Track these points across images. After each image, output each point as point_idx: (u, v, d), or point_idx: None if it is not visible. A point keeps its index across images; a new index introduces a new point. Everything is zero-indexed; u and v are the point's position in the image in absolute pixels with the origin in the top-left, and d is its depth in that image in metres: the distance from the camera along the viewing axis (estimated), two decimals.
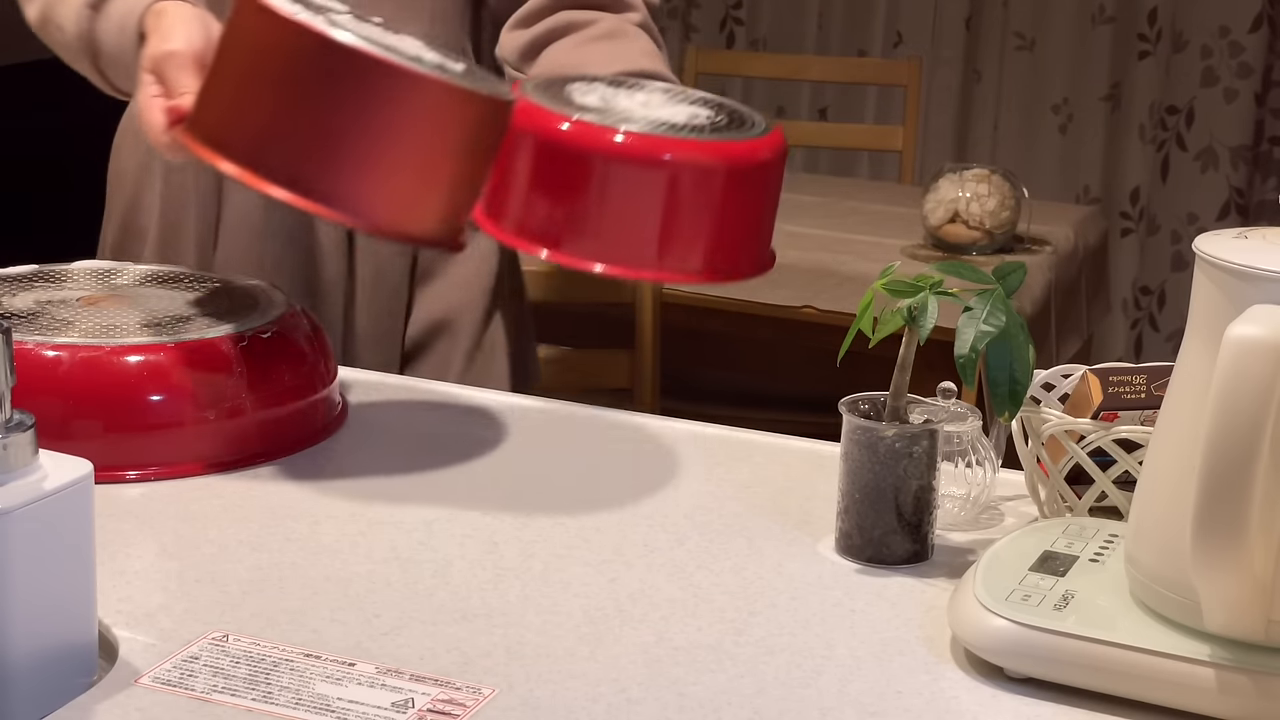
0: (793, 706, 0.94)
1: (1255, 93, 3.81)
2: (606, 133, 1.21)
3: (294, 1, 1.20)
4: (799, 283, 2.41)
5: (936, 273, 1.10)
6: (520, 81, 1.30)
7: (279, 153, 1.18)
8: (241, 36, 1.22)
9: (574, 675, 0.97)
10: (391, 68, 1.17)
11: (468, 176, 1.23)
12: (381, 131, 1.18)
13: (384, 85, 1.17)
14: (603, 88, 1.32)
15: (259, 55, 1.20)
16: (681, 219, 1.24)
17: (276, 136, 1.19)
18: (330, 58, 1.17)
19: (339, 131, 1.17)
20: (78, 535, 0.91)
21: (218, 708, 0.92)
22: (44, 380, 1.19)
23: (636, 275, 1.28)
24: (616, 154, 1.22)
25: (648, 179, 1.23)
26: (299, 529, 1.16)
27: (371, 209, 1.19)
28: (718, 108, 1.31)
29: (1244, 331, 0.87)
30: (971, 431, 1.18)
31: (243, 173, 1.18)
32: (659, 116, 1.26)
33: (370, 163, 1.18)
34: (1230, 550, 0.88)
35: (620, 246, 1.24)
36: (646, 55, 1.53)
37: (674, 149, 1.22)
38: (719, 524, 1.19)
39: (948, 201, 2.62)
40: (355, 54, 1.16)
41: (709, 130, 1.25)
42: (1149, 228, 3.97)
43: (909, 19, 4.10)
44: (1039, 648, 0.95)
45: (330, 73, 1.17)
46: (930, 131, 4.08)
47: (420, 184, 1.21)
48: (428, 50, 1.24)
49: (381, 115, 1.17)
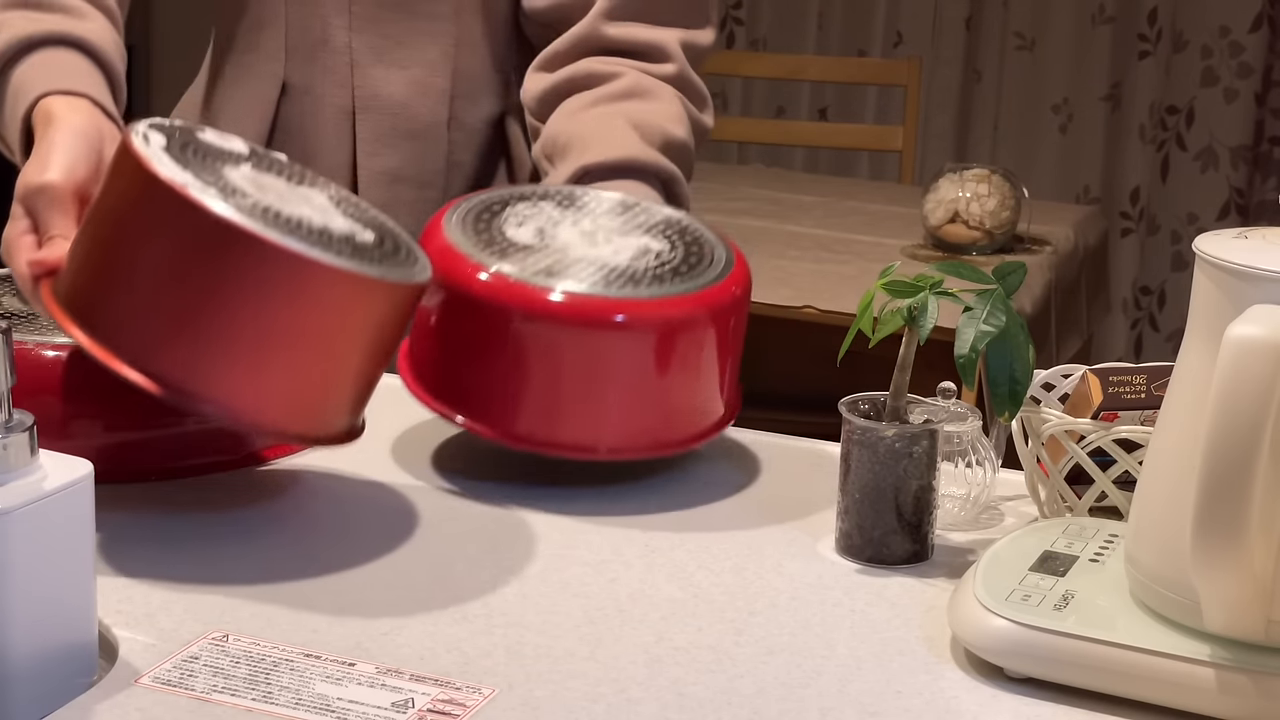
0: (793, 706, 0.94)
1: (1255, 93, 3.81)
2: (526, 291, 1.13)
3: (185, 147, 1.05)
4: (799, 283, 2.41)
5: (936, 273, 1.10)
6: (449, 207, 1.23)
7: (138, 334, 1.03)
8: (114, 188, 1.06)
9: (574, 675, 0.97)
10: (274, 250, 1.00)
11: (366, 369, 1.09)
12: (263, 321, 1.03)
13: (264, 269, 1.01)
14: (550, 209, 1.24)
15: (125, 214, 1.05)
16: (619, 390, 1.17)
17: (137, 315, 1.04)
18: (198, 228, 1.01)
19: (209, 316, 1.02)
20: (78, 535, 0.91)
21: (218, 708, 0.92)
22: (44, 380, 1.19)
23: (578, 456, 1.18)
24: (539, 315, 1.14)
25: (577, 345, 1.14)
26: (299, 529, 1.16)
27: (250, 407, 1.05)
28: (677, 235, 1.23)
29: (1244, 331, 0.87)
30: (971, 431, 1.18)
31: (99, 350, 1.04)
32: (600, 256, 1.18)
33: (248, 356, 1.03)
34: (1230, 550, 0.88)
35: (542, 420, 1.16)
36: (651, 136, 1.41)
37: (607, 311, 1.14)
38: (719, 524, 1.19)
39: (948, 201, 2.62)
40: (228, 228, 1.00)
41: (653, 277, 1.17)
42: (1149, 228, 3.97)
43: (909, 19, 4.10)
44: (1039, 648, 0.95)
45: (199, 246, 1.01)
46: (930, 131, 4.08)
47: (309, 380, 1.06)
48: (337, 212, 1.09)
49: (263, 303, 1.02)
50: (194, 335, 1.03)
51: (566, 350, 1.16)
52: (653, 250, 1.21)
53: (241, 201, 1.03)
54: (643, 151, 1.40)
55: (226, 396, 1.04)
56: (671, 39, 1.49)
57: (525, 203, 1.25)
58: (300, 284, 1.02)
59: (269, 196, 1.06)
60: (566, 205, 1.26)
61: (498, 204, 1.24)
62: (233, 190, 1.04)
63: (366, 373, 1.10)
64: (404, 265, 1.09)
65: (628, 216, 1.25)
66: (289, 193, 1.09)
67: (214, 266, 1.02)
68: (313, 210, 1.08)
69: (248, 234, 1.01)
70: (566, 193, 1.28)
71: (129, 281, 1.04)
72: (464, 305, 1.17)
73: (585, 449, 1.20)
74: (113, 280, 1.05)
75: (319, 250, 1.02)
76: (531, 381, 1.18)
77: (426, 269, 1.11)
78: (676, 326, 1.18)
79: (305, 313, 1.04)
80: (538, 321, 1.15)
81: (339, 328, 1.06)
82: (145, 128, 1.07)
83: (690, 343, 1.19)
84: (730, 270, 1.21)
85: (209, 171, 1.05)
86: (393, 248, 1.10)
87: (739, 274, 1.22)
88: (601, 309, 1.15)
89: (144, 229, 1.04)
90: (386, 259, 1.08)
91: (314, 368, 1.07)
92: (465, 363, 1.19)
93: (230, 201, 1.02)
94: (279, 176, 1.12)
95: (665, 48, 1.49)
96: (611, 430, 1.20)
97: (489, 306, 1.16)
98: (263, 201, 1.05)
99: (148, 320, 1.04)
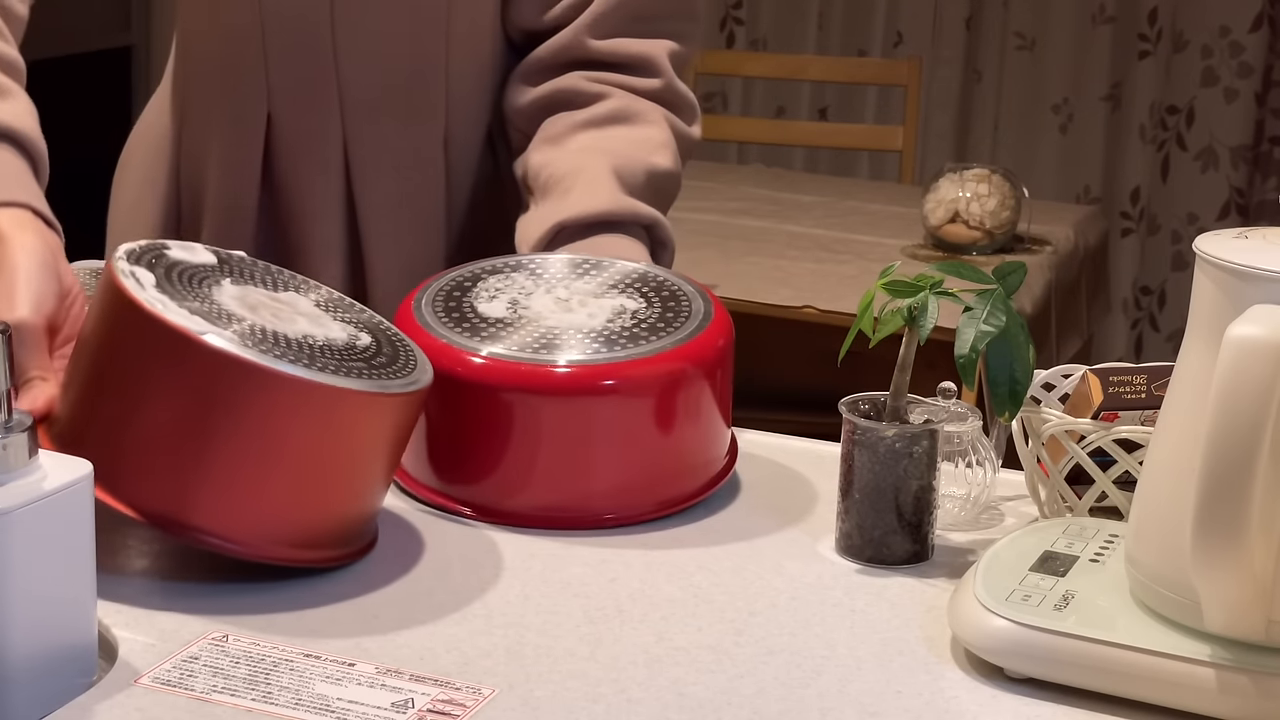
0: (793, 706, 0.94)
1: (1255, 93, 3.81)
2: (522, 369, 1.12)
3: (169, 276, 1.03)
4: (799, 283, 2.41)
5: (936, 273, 1.10)
6: (417, 290, 1.21)
7: (161, 484, 1.02)
8: (112, 333, 1.03)
9: (574, 675, 0.97)
10: (297, 383, 0.99)
11: (372, 480, 1.08)
12: (259, 447, 1.01)
13: (251, 393, 0.99)
14: (521, 279, 1.22)
15: (133, 362, 1.02)
16: (628, 451, 1.15)
17: (158, 463, 1.02)
18: (175, 352, 0.99)
19: (239, 456, 1.01)
20: (77, 535, 0.91)
21: (217, 708, 0.92)
22: None
23: (587, 526, 1.15)
24: (538, 390, 1.13)
25: (574, 414, 1.14)
26: None
27: (258, 537, 1.03)
28: (653, 290, 1.21)
29: (1244, 331, 0.87)
30: (971, 431, 1.18)
31: (128, 509, 1.02)
32: (575, 322, 1.17)
33: (245, 483, 1.02)
34: (1230, 550, 0.88)
35: (557, 495, 1.15)
36: (634, 177, 1.38)
37: (598, 377, 1.13)
38: (719, 524, 1.19)
39: (948, 201, 2.62)
40: (201, 349, 0.98)
41: (630, 336, 1.16)
42: (1149, 228, 3.97)
43: (909, 19, 4.11)
44: (1039, 648, 0.95)
45: (183, 373, 1.00)
46: (930, 131, 4.08)
47: (312, 501, 1.05)
48: (329, 317, 1.08)
49: (256, 428, 1.00)
50: (228, 478, 1.02)
51: (569, 421, 1.15)
52: (629, 310, 1.19)
53: (240, 327, 1.02)
54: (620, 204, 1.36)
55: (235, 529, 1.03)
56: (660, 51, 1.45)
57: (496, 276, 1.24)
58: (323, 409, 1.01)
59: (263, 316, 1.05)
60: (538, 274, 1.24)
61: (467, 280, 1.23)
62: (229, 317, 1.03)
63: (368, 486, 1.09)
64: (406, 370, 1.08)
65: (598, 277, 1.24)
66: (278, 306, 1.08)
67: (241, 406, 1.00)
68: (309, 322, 1.07)
69: (266, 371, 0.99)
70: (536, 261, 1.26)
71: (144, 428, 1.02)
72: (456, 391, 1.15)
73: (593, 519, 1.17)
74: (124, 428, 1.02)
75: (337, 377, 1.01)
76: (541, 456, 1.16)
77: (428, 369, 1.09)
78: (670, 381, 1.16)
79: (324, 434, 1.03)
80: (538, 396, 1.14)
81: (356, 443, 1.05)
82: (128, 266, 1.03)
83: (686, 395, 1.18)
84: (711, 320, 1.19)
85: (198, 299, 1.03)
86: (390, 352, 1.09)
87: (720, 322, 1.20)
88: (593, 376, 1.14)
89: (160, 377, 1.01)
90: (389, 365, 1.07)
91: (338, 488, 1.06)
92: (464, 449, 1.17)
93: (233, 330, 1.01)
94: (259, 286, 1.10)
95: (653, 62, 1.44)
96: (622, 493, 1.18)
97: (485, 389, 1.14)
98: (259, 323, 1.03)
99: (170, 467, 1.02)
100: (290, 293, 1.11)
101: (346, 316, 1.11)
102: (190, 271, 1.07)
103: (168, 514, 1.02)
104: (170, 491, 1.02)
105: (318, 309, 1.10)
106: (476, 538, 1.15)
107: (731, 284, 2.34)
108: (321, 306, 1.11)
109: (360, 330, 1.10)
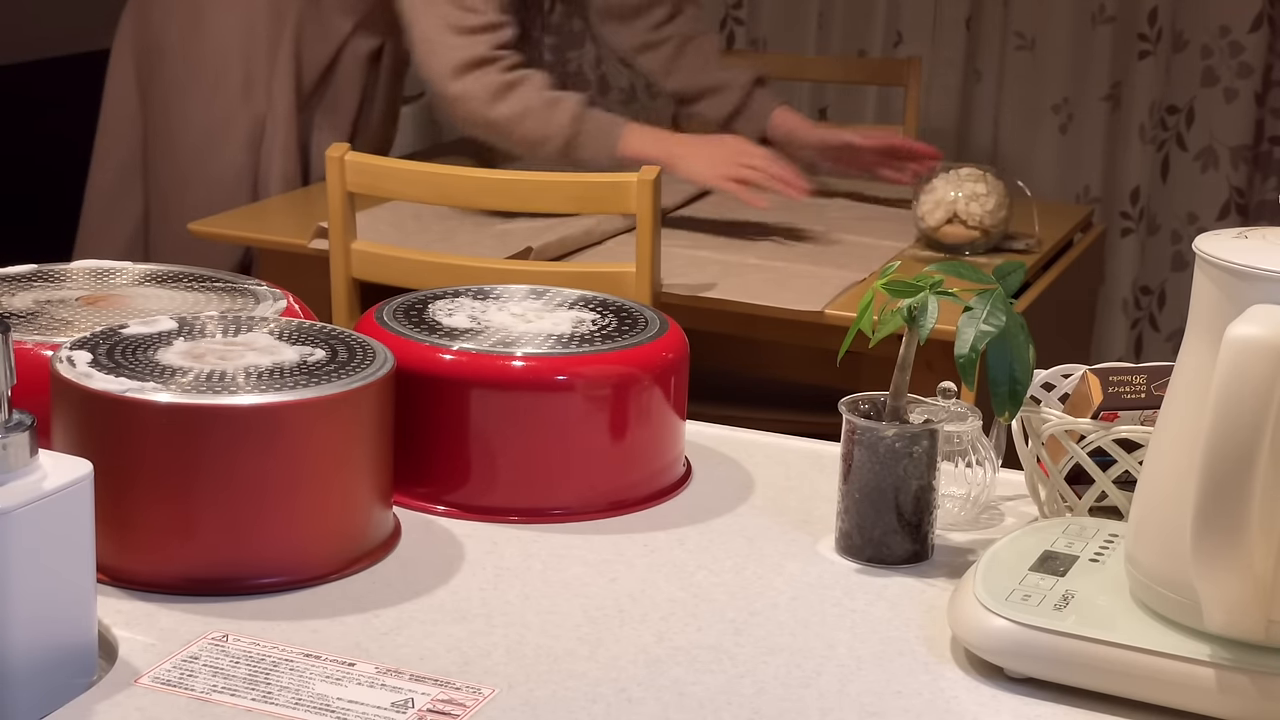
0: (793, 706, 0.94)
1: (1255, 93, 3.81)
2: (493, 362, 1.15)
3: (111, 353, 1.08)
4: (800, 283, 2.40)
5: (936, 272, 1.10)
6: (376, 308, 1.25)
7: (156, 550, 1.05)
8: (59, 412, 1.08)
9: (574, 675, 0.97)
10: (242, 411, 1.02)
11: (359, 476, 1.09)
12: (225, 483, 1.03)
13: (241, 432, 1.03)
14: (468, 301, 1.27)
15: (85, 434, 1.05)
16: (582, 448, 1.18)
17: (146, 536, 1.04)
18: (107, 414, 1.03)
19: (243, 496, 1.03)
20: (77, 535, 0.91)
21: (217, 708, 0.92)
22: (44, 380, 1.19)
23: (551, 521, 1.18)
24: (514, 383, 1.16)
25: (547, 407, 1.16)
26: None
27: (269, 564, 1.05)
28: (601, 306, 1.27)
29: (1244, 331, 0.87)
30: (971, 431, 1.18)
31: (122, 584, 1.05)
32: (542, 329, 1.21)
33: (234, 523, 1.04)
34: (1230, 550, 0.88)
35: (524, 489, 1.17)
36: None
37: (571, 366, 1.16)
38: (719, 524, 1.19)
39: (946, 202, 2.62)
40: (185, 411, 1.01)
41: (601, 338, 1.20)
42: (1149, 227, 3.97)
43: (909, 19, 4.10)
44: (1039, 648, 0.95)
45: (122, 432, 1.03)
46: (930, 131, 4.08)
47: (340, 507, 1.08)
48: (282, 344, 1.12)
49: (233, 467, 1.03)
50: (231, 522, 1.04)
51: (542, 414, 1.17)
52: (587, 319, 1.25)
53: (183, 380, 1.05)
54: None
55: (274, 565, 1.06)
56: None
57: (444, 300, 1.28)
58: (279, 430, 1.04)
59: (208, 362, 1.08)
60: (482, 298, 1.30)
61: (419, 302, 1.27)
62: (171, 372, 1.06)
63: (385, 472, 1.11)
64: (365, 365, 1.10)
65: (544, 300, 1.30)
66: (227, 350, 1.11)
67: (193, 447, 1.02)
68: (258, 354, 1.10)
69: (206, 409, 1.02)
70: (477, 289, 1.32)
71: (121, 505, 1.04)
72: (428, 387, 1.17)
73: (561, 511, 1.19)
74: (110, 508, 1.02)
75: (282, 393, 1.04)
76: (528, 450, 1.18)
77: (389, 359, 1.11)
78: (640, 377, 1.19)
79: (278, 451, 1.04)
80: (508, 391, 1.17)
81: (333, 452, 1.07)
82: (67, 351, 1.09)
83: (651, 394, 1.20)
84: (666, 333, 1.24)
85: (134, 365, 1.07)
86: (346, 354, 1.12)
87: (674, 337, 1.24)
88: (567, 366, 1.17)
89: (111, 445, 1.04)
90: (345, 367, 1.09)
91: (336, 494, 1.08)
92: (436, 446, 1.18)
93: (173, 385, 1.04)
94: (214, 338, 1.14)
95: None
96: (582, 489, 1.19)
97: (458, 384, 1.16)
98: (204, 369, 1.07)
99: (165, 532, 1.04)
100: (246, 333, 1.15)
101: (301, 338, 1.14)
102: (137, 343, 1.12)
103: (190, 577, 1.05)
104: (167, 555, 1.04)
105: (272, 339, 1.14)
106: (477, 538, 1.15)
107: (731, 284, 2.34)
108: (275, 335, 1.14)
109: (316, 347, 1.12)
